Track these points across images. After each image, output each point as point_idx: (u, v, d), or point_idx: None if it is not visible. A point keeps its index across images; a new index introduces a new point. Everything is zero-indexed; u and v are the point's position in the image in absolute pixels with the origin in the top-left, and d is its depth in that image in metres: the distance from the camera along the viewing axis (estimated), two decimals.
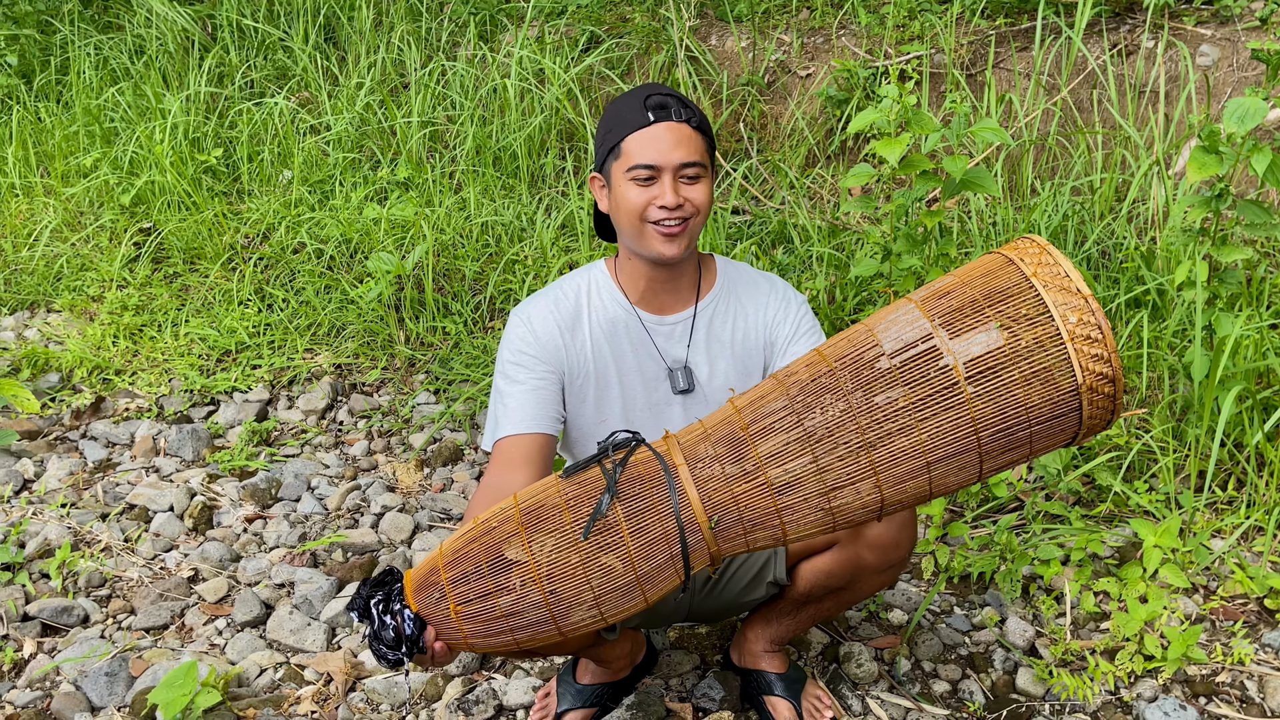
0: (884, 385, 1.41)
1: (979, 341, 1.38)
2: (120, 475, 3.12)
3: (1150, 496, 2.56)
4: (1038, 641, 2.30)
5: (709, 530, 1.47)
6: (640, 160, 1.77)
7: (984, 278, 1.43)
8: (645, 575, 1.46)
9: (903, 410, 1.40)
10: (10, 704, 2.25)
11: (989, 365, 1.38)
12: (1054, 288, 1.39)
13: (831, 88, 3.91)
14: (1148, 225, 3.21)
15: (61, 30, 5.36)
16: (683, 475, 1.47)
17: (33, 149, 4.80)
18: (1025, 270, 1.41)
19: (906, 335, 1.42)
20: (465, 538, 1.50)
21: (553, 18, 4.63)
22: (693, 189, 1.80)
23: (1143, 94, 3.51)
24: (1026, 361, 1.37)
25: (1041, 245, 1.44)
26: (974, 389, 1.38)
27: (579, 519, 1.45)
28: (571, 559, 1.44)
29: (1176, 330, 2.78)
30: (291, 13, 5.05)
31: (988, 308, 1.40)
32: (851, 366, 1.43)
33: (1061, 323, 1.37)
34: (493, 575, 1.46)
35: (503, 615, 1.46)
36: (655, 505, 1.46)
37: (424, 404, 3.41)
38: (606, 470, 1.48)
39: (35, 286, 4.19)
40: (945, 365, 1.39)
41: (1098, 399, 1.39)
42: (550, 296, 1.94)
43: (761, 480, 1.45)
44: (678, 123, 1.78)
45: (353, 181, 4.23)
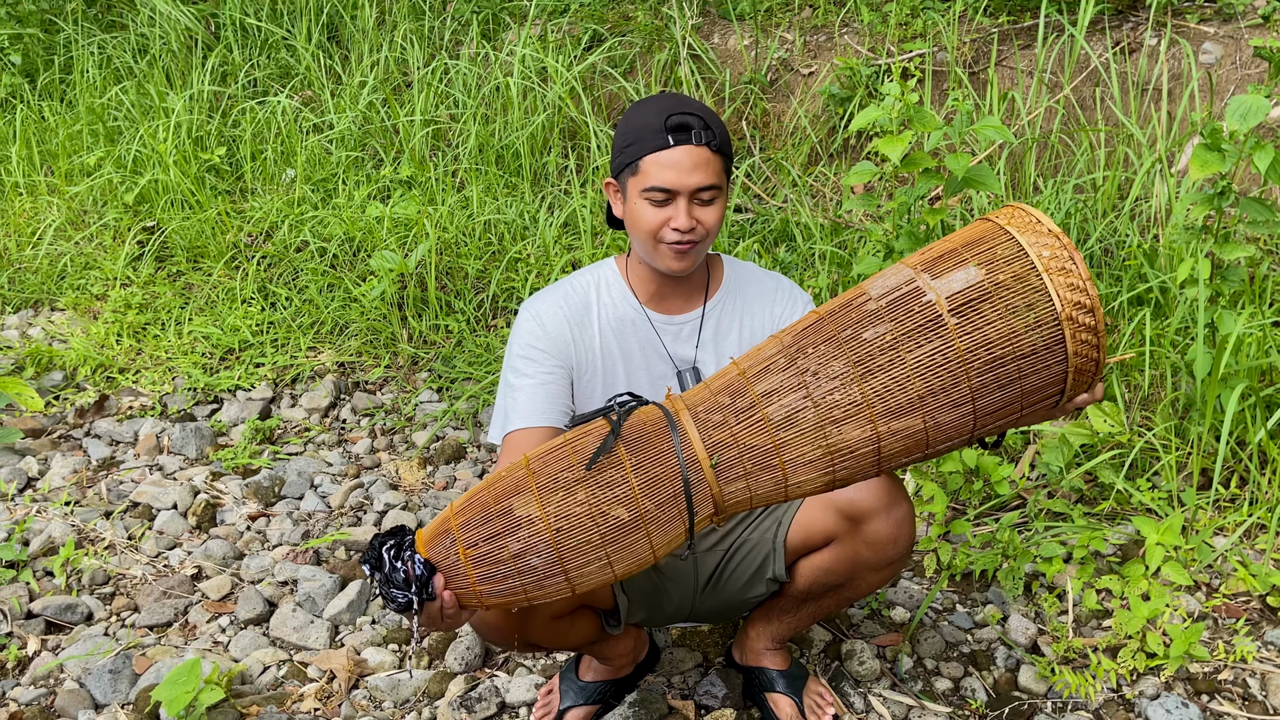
0: (871, 322, 1.48)
1: (958, 279, 1.46)
2: (124, 473, 3.13)
3: (1153, 494, 2.56)
4: (1040, 639, 2.30)
5: (710, 469, 1.49)
6: (657, 183, 1.77)
7: (964, 233, 1.53)
8: (650, 516, 1.49)
9: (890, 344, 1.46)
10: (14, 701, 2.26)
11: (970, 299, 1.45)
12: (1027, 230, 1.48)
13: (834, 86, 3.91)
14: (1150, 223, 3.20)
15: (65, 29, 5.37)
16: (684, 419, 1.52)
17: (37, 148, 4.81)
18: (1000, 221, 1.51)
19: (891, 282, 1.50)
20: (475, 489, 1.54)
21: (555, 16, 4.63)
22: (706, 210, 1.80)
23: (1145, 92, 3.51)
24: (1005, 294, 1.44)
25: (1017, 205, 1.53)
26: (957, 320, 1.44)
27: (585, 461, 1.48)
28: (577, 496, 1.47)
29: (1179, 328, 2.78)
30: (294, 11, 5.06)
31: (967, 254, 1.48)
32: (841, 312, 1.51)
33: (1036, 258, 1.45)
34: (501, 518, 1.48)
35: (510, 558, 1.48)
36: (658, 447, 1.50)
37: (427, 402, 3.42)
38: (610, 416, 1.51)
39: (39, 285, 4.20)
40: (928, 300, 1.46)
41: (1079, 330, 1.44)
42: (560, 292, 1.94)
43: (759, 416, 1.49)
44: (697, 146, 1.76)
45: (356, 180, 4.23)
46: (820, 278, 3.22)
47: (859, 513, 1.85)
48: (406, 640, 2.40)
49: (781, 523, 1.96)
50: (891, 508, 1.84)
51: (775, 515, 1.98)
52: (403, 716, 2.18)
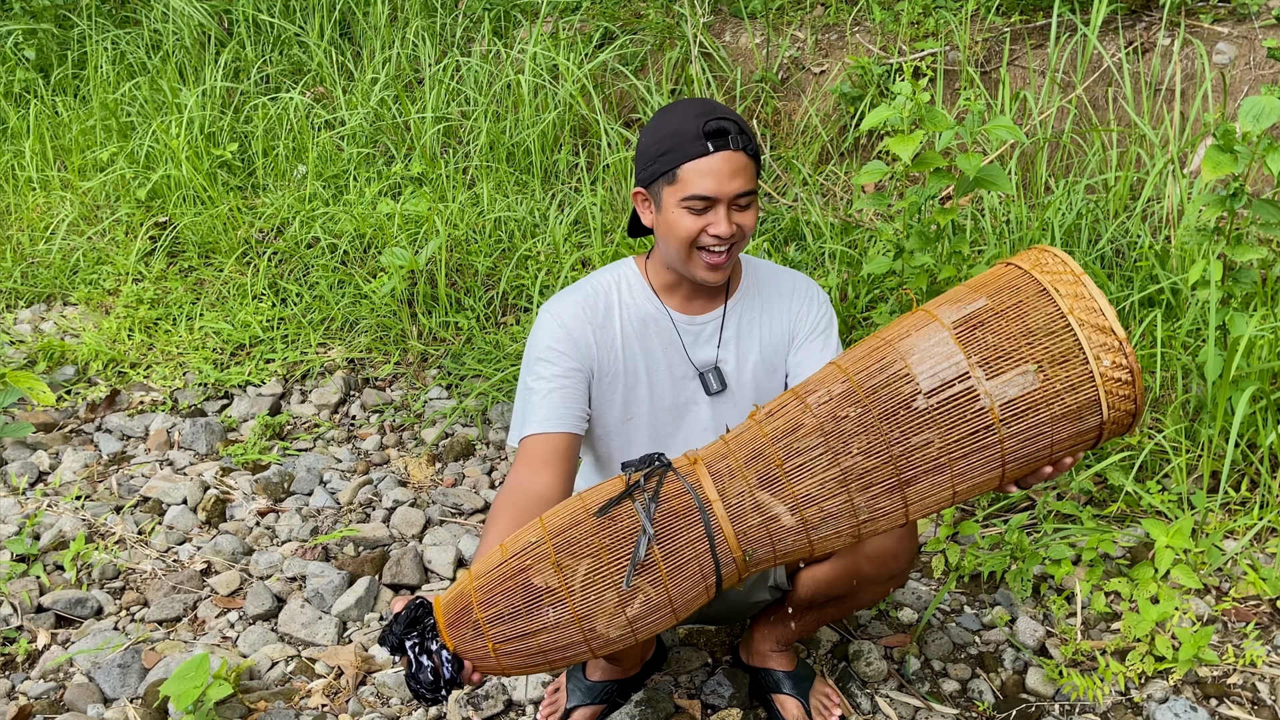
0: (920, 426, 1.43)
1: (1015, 384, 1.41)
2: (134, 468, 3.15)
3: (1162, 497, 2.55)
4: (1048, 641, 2.30)
5: (743, 561, 1.50)
6: (698, 191, 1.74)
7: (1016, 307, 1.44)
8: (680, 604, 1.50)
9: (937, 451, 1.43)
10: (24, 695, 2.28)
11: (1023, 407, 1.41)
12: (1089, 326, 1.41)
13: (845, 84, 3.90)
14: (1162, 224, 3.19)
15: (79, 25, 5.39)
16: (717, 511, 1.49)
17: (50, 143, 4.83)
18: (1061, 305, 1.43)
19: (943, 372, 1.43)
20: (498, 573, 1.49)
21: (567, 13, 4.63)
22: (744, 215, 1.79)
23: (1158, 92, 3.49)
24: (1058, 402, 1.41)
25: (1073, 270, 1.45)
26: (1007, 430, 1.41)
27: (615, 559, 1.46)
28: (608, 597, 1.46)
29: (1190, 330, 2.76)
30: (307, 8, 5.07)
31: (1024, 344, 1.41)
32: (887, 404, 1.44)
33: (1095, 365, 1.40)
34: (529, 614, 1.46)
35: (541, 650, 1.48)
36: (691, 541, 1.48)
37: (436, 399, 3.42)
38: (641, 511, 1.49)
39: (52, 280, 4.22)
40: (982, 408, 1.41)
41: (1115, 429, 1.46)
42: (581, 293, 1.92)
43: (799, 520, 1.48)
44: (735, 151, 1.74)
45: (367, 176, 4.24)
46: (830, 276, 3.21)
47: None
48: None
49: None
50: None
51: None
52: (409, 713, 2.19)
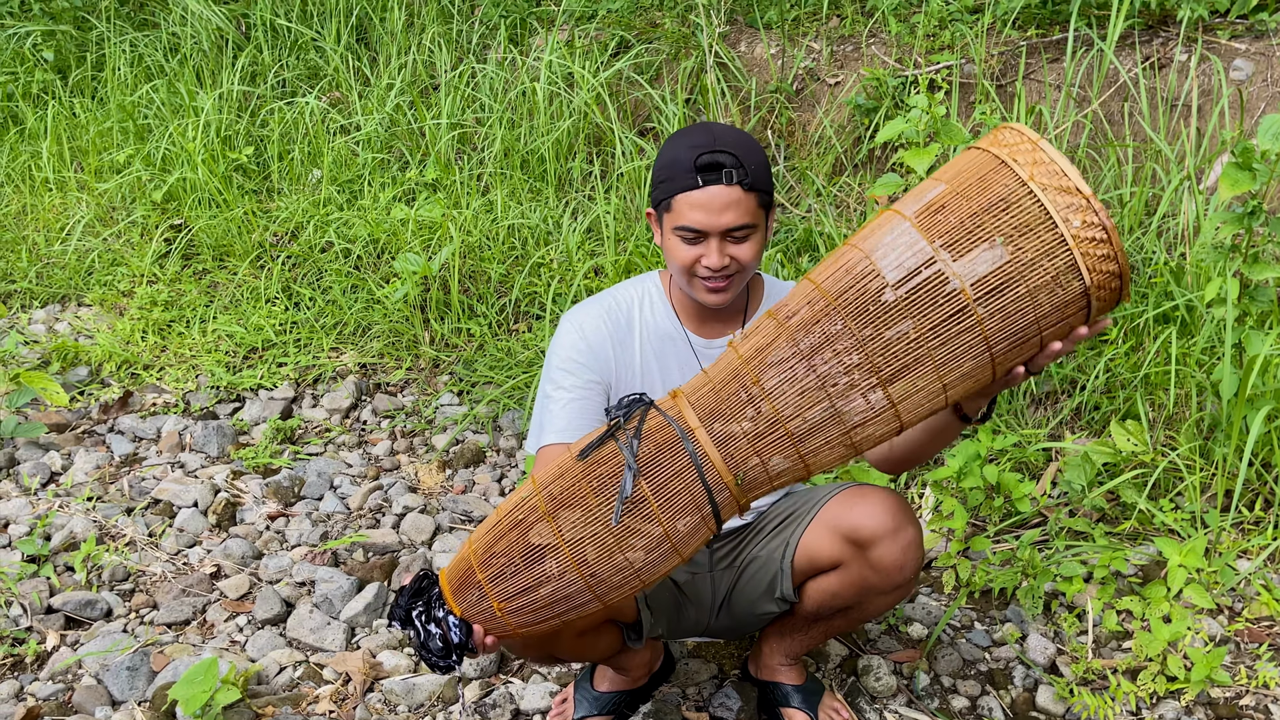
0: (893, 320, 1.39)
1: (984, 260, 1.36)
2: (146, 470, 3.15)
3: (1175, 515, 2.53)
4: (1059, 659, 2.29)
5: (736, 486, 1.49)
6: (686, 223, 1.75)
7: (978, 183, 1.39)
8: (680, 538, 1.49)
9: (915, 342, 1.39)
10: (32, 696, 2.28)
11: (996, 284, 1.36)
12: (1052, 189, 1.36)
13: (860, 96, 3.90)
14: (1177, 240, 3.18)
15: (98, 27, 5.42)
16: (701, 438, 1.48)
17: (67, 144, 4.85)
18: (1020, 174, 1.37)
19: (908, 261, 1.38)
20: (494, 532, 1.52)
21: (583, 22, 4.64)
22: (740, 247, 1.78)
23: (1174, 107, 3.48)
24: (1034, 272, 1.35)
25: (1030, 138, 1.40)
26: (984, 310, 1.37)
27: (605, 501, 1.47)
28: (606, 541, 1.47)
29: (1205, 347, 2.75)
30: (324, 13, 5.08)
31: (988, 220, 1.36)
32: (856, 303, 1.40)
33: (1064, 227, 1.35)
34: (529, 568, 1.48)
35: (547, 603, 1.50)
36: (679, 472, 1.47)
37: (447, 405, 3.43)
38: (624, 448, 1.49)
39: (67, 280, 4.24)
40: (953, 290, 1.37)
41: (1104, 293, 1.39)
42: (604, 304, 1.93)
43: (781, 433, 1.45)
44: (728, 186, 1.73)
45: (381, 182, 4.25)
46: None
47: (865, 538, 1.84)
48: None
49: (789, 544, 1.95)
50: (898, 533, 1.82)
51: (783, 536, 1.97)
52: None
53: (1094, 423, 2.83)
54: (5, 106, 5.21)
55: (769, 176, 1.81)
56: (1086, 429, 2.84)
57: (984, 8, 3.96)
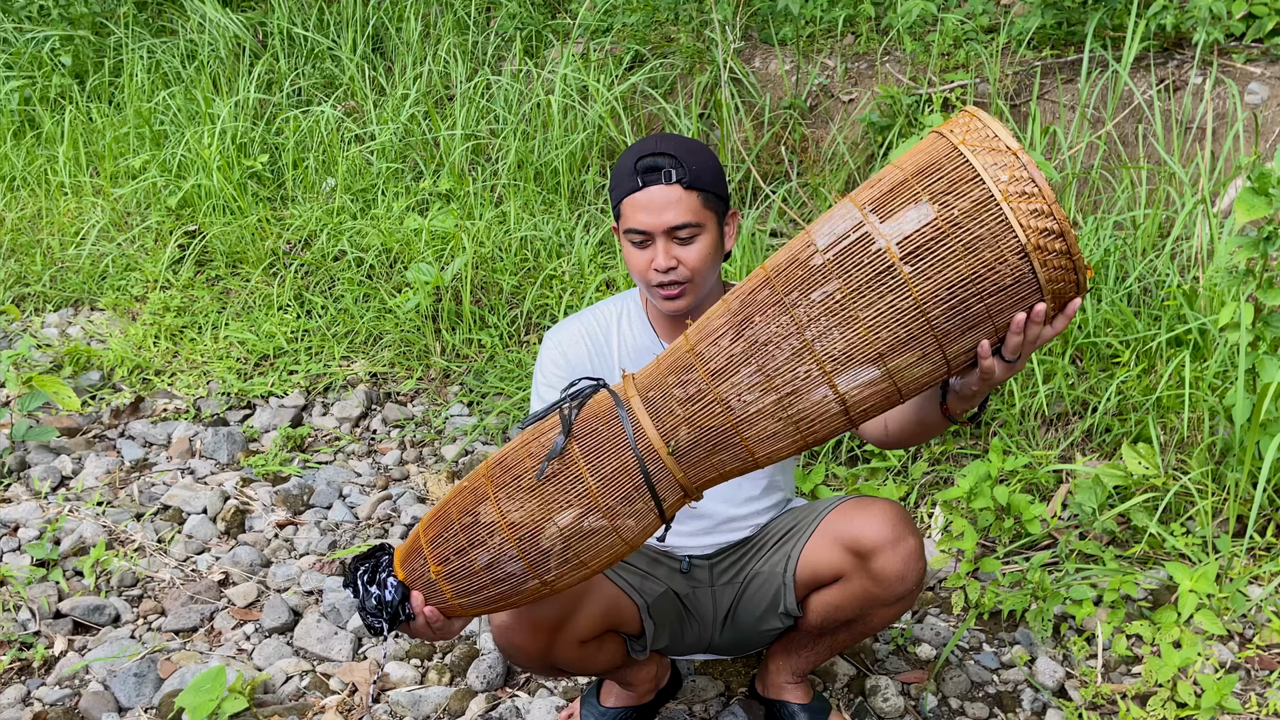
0: (819, 281, 1.38)
1: (909, 219, 1.34)
2: (156, 476, 3.16)
3: (1187, 540, 2.52)
4: (1068, 683, 2.27)
5: (668, 455, 1.46)
6: (631, 224, 1.80)
7: (914, 156, 1.40)
8: (610, 510, 1.46)
9: (840, 303, 1.37)
10: (39, 700, 2.28)
11: (923, 241, 1.34)
12: (981, 150, 1.34)
13: (874, 114, 3.90)
14: (1190, 263, 3.17)
15: (116, 33, 5.45)
16: (635, 405, 1.47)
17: (83, 149, 4.88)
18: (953, 139, 1.37)
19: (838, 228, 1.39)
20: (442, 502, 1.54)
21: (598, 35, 4.66)
22: (686, 250, 1.79)
23: (1189, 130, 3.47)
24: (963, 231, 1.33)
25: (973, 113, 1.39)
26: (911, 268, 1.34)
27: (539, 465, 1.47)
28: (535, 502, 1.46)
29: (1218, 371, 2.74)
30: (341, 22, 5.11)
31: (917, 185, 1.36)
32: (787, 270, 1.41)
33: (992, 183, 1.32)
34: (466, 531, 1.48)
35: (481, 569, 1.49)
36: (612, 439, 1.46)
37: (457, 416, 3.43)
38: (562, 413, 1.49)
39: (80, 285, 4.26)
40: (878, 249, 1.35)
41: (1049, 257, 1.34)
42: (583, 321, 1.96)
43: (710, 398, 1.43)
44: (668, 185, 1.76)
45: (395, 191, 4.27)
46: None
47: (865, 549, 1.83)
48: (429, 655, 2.41)
49: (790, 557, 1.95)
50: (898, 543, 1.82)
51: (784, 549, 1.97)
52: None
53: (1105, 445, 2.82)
54: (23, 110, 5.24)
55: (717, 180, 1.81)
56: (1098, 451, 2.83)
57: (999, 27, 3.97)
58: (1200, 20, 3.47)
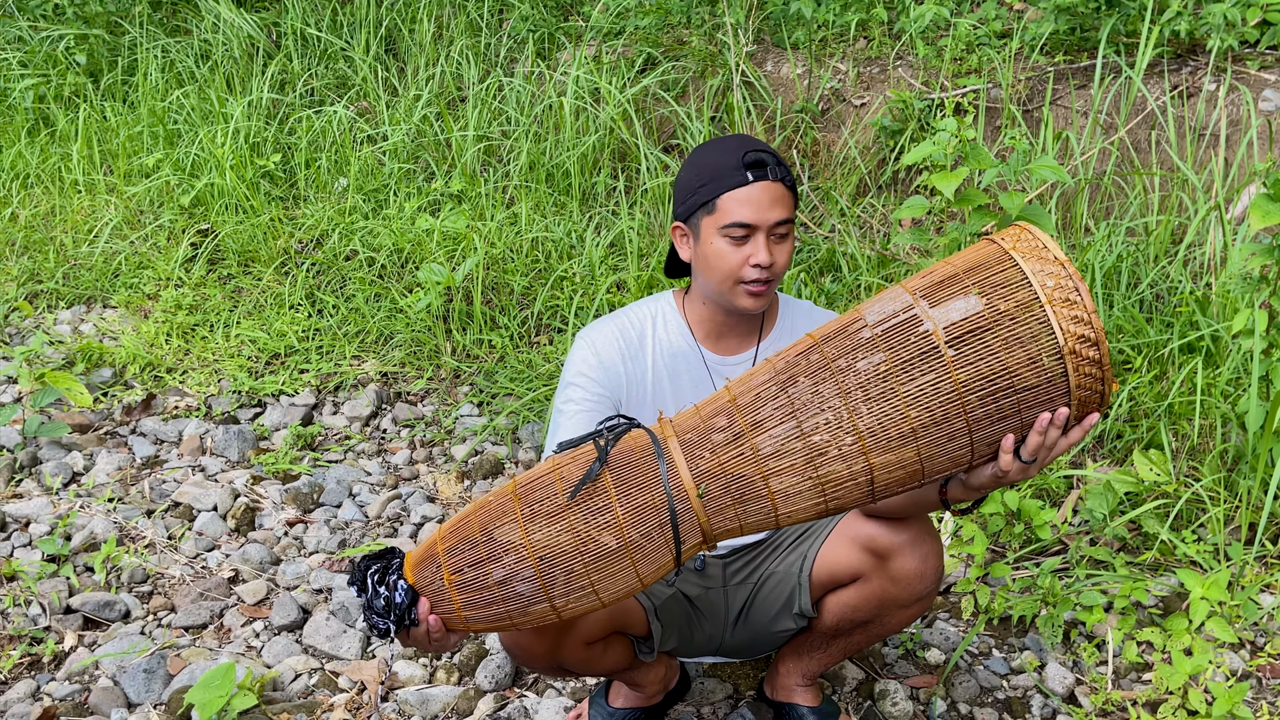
0: (866, 351, 1.45)
1: (958, 308, 1.43)
2: (167, 473, 3.17)
3: (1198, 547, 2.51)
4: (1078, 689, 2.27)
5: (696, 499, 1.48)
6: (737, 219, 1.79)
7: (966, 256, 1.49)
8: (634, 544, 1.48)
9: (884, 374, 1.44)
10: (49, 695, 2.29)
11: (968, 329, 1.42)
12: (1031, 256, 1.44)
13: (886, 118, 3.90)
14: (1203, 270, 3.16)
15: (130, 32, 5.48)
16: (671, 446, 1.51)
17: (97, 147, 4.90)
18: (1005, 245, 1.46)
19: (889, 308, 1.47)
20: (464, 513, 1.55)
21: (611, 38, 4.66)
22: (780, 247, 1.83)
23: (1202, 137, 3.47)
24: (1006, 325, 1.41)
25: (1023, 226, 1.48)
26: (955, 352, 1.42)
27: (570, 488, 1.49)
28: (559, 525, 1.47)
29: (1231, 378, 2.73)
30: (354, 23, 5.13)
31: (967, 279, 1.44)
32: (836, 339, 1.48)
33: (1039, 287, 1.41)
34: (486, 545, 1.49)
35: (495, 584, 1.49)
36: (645, 475, 1.49)
37: (467, 416, 3.43)
38: (598, 443, 1.51)
39: (93, 282, 4.27)
40: (925, 330, 1.43)
41: (1083, 364, 1.41)
42: (617, 323, 1.96)
43: (747, 446, 1.48)
44: (773, 181, 1.80)
45: (407, 192, 4.27)
46: None
47: (885, 549, 1.83)
48: (438, 655, 2.41)
49: (806, 557, 1.95)
50: (918, 544, 1.82)
51: (800, 549, 1.97)
52: None
53: (1116, 451, 2.81)
54: (37, 108, 5.26)
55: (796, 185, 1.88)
56: (1109, 457, 2.82)
57: (1012, 33, 3.97)
58: (1214, 27, 3.46)
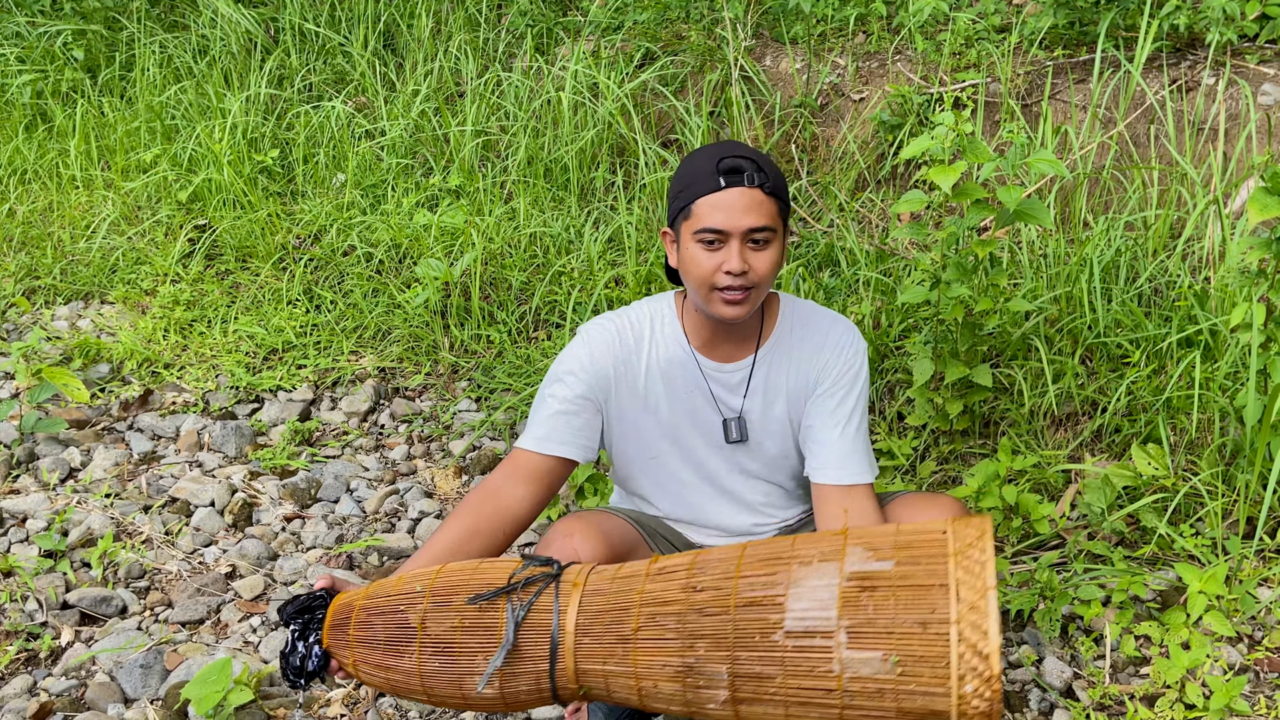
0: (770, 660, 1.45)
1: (870, 664, 1.39)
2: (164, 468, 3.17)
3: (1196, 541, 2.51)
4: (1075, 683, 2.27)
5: (577, 691, 1.59)
6: (708, 224, 1.77)
7: (913, 590, 1.40)
8: (512, 700, 1.61)
9: (777, 689, 1.45)
10: (46, 691, 2.29)
11: (868, 688, 1.40)
12: (971, 652, 1.36)
13: (885, 113, 3.90)
14: (1201, 264, 3.16)
15: (128, 27, 5.47)
16: (567, 644, 1.56)
17: (95, 143, 4.89)
18: (950, 612, 1.37)
19: (812, 617, 1.43)
20: (382, 601, 1.66)
21: (609, 33, 4.65)
22: (758, 255, 1.79)
23: (1201, 131, 3.46)
24: (906, 698, 1.38)
25: (983, 588, 1.38)
26: (847, 700, 1.41)
27: (470, 638, 1.60)
28: (449, 671, 1.61)
29: (1229, 372, 2.73)
30: (352, 18, 5.12)
31: (896, 632, 1.39)
32: (750, 625, 1.47)
33: (955, 689, 1.35)
34: (387, 649, 1.64)
35: (387, 679, 1.66)
36: (535, 655, 1.58)
37: (465, 411, 3.43)
38: (510, 619, 1.57)
39: (90, 278, 4.27)
40: (830, 670, 1.42)
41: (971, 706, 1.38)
42: (618, 323, 1.95)
43: (632, 679, 1.53)
44: (750, 188, 1.76)
45: (405, 187, 4.27)
46: (864, 304, 3.20)
47: None
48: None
49: None
50: None
51: None
52: None
53: (1114, 445, 2.81)
54: (34, 104, 5.26)
55: (787, 190, 1.83)
56: (1107, 451, 2.82)
57: (1011, 27, 3.96)
58: (1213, 21, 3.45)
